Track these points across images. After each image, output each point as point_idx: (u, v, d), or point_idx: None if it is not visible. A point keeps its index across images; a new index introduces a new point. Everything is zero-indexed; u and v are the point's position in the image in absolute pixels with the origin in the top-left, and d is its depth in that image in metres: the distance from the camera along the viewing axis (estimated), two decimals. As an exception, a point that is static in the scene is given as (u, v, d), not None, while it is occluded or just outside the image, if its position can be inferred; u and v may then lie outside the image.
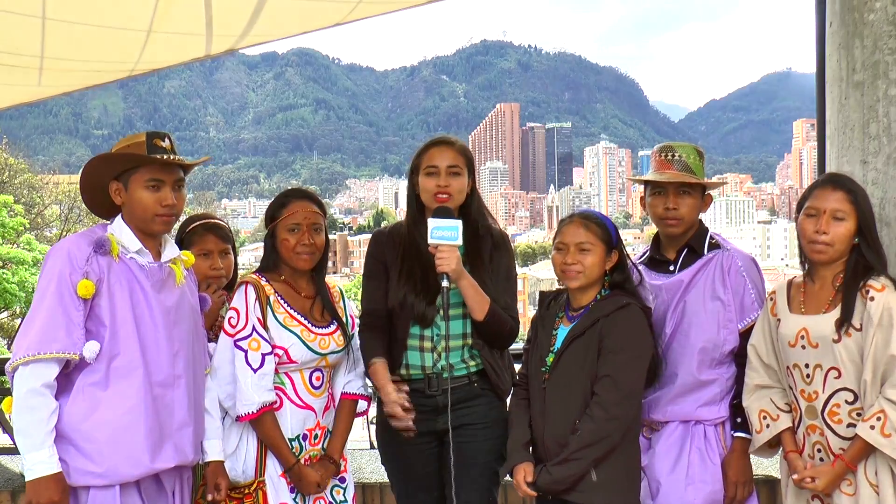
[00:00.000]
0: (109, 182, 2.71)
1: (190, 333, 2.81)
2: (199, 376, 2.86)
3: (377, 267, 3.11)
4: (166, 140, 2.71)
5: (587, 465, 2.73)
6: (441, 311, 2.97)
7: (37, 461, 2.48)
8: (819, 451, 2.73)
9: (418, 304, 2.98)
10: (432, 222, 2.88)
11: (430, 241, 2.88)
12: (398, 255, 3.06)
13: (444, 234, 2.86)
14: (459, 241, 2.87)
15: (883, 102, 3.02)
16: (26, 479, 2.50)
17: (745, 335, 2.96)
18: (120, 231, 2.70)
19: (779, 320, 2.82)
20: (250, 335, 2.90)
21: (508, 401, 3.10)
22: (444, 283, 2.87)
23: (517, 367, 3.16)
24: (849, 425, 2.65)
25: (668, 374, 2.98)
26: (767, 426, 2.83)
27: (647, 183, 3.12)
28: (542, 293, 3.06)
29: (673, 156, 3.05)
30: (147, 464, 2.62)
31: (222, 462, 2.92)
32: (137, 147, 2.68)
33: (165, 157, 2.68)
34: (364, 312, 3.12)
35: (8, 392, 2.82)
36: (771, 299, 2.89)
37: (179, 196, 2.74)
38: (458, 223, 2.88)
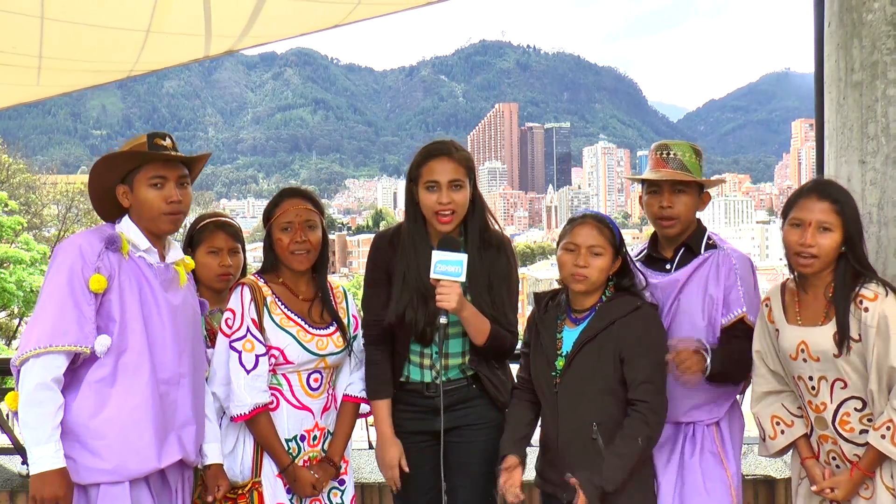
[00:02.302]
0: (116, 186, 2.72)
1: (193, 334, 2.83)
2: (200, 377, 2.87)
3: (379, 274, 3.06)
4: (167, 139, 2.72)
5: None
6: (438, 336, 2.90)
7: (42, 455, 2.47)
8: (834, 458, 2.72)
9: (418, 321, 2.94)
10: (437, 255, 2.81)
11: (432, 275, 2.81)
12: (399, 264, 3.00)
13: (448, 269, 2.79)
14: (463, 277, 2.80)
15: (881, 102, 3.02)
16: (31, 473, 2.50)
17: (726, 330, 2.94)
18: (128, 230, 2.71)
19: (777, 330, 2.79)
20: (245, 336, 2.90)
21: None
22: (443, 320, 2.81)
23: (513, 367, 3.15)
24: (861, 432, 2.64)
25: None
26: (782, 432, 2.81)
27: (643, 182, 3.11)
28: (537, 294, 3.02)
29: (668, 154, 3.03)
30: (155, 459, 2.62)
31: (222, 465, 2.92)
32: (139, 147, 2.70)
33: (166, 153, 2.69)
34: (367, 323, 3.07)
35: (7, 391, 2.82)
36: (766, 305, 2.85)
37: (185, 193, 2.74)
38: (463, 258, 2.81)
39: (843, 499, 2.67)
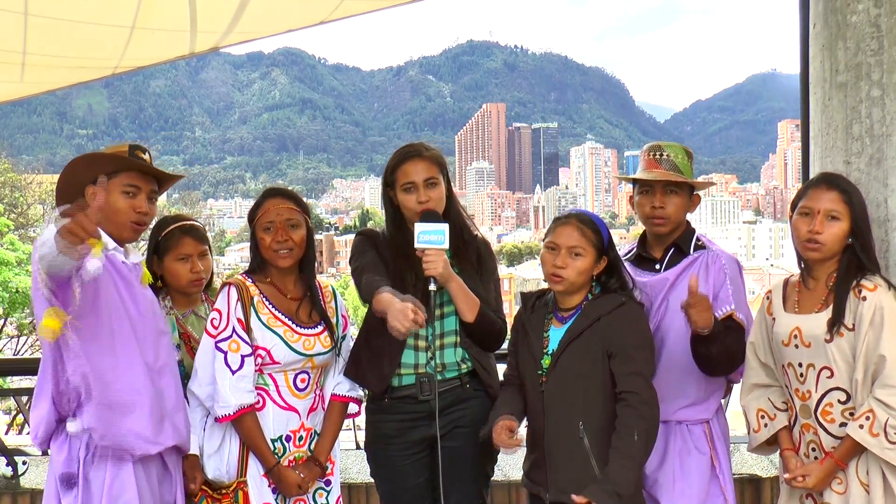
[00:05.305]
0: (87, 185, 2.76)
1: (165, 326, 2.90)
2: (176, 367, 2.92)
3: (369, 249, 3.04)
4: (146, 154, 2.83)
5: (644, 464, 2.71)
6: (430, 304, 2.92)
7: None
8: (814, 450, 2.74)
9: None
10: (419, 227, 2.87)
11: (416, 245, 2.86)
12: (388, 256, 3.03)
13: (431, 237, 2.85)
14: (446, 245, 2.86)
15: (865, 104, 3.03)
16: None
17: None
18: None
19: (774, 319, 2.83)
20: (230, 336, 2.90)
21: None
22: (432, 287, 2.85)
23: (499, 366, 3.15)
24: (841, 425, 2.66)
25: None
26: (765, 425, 2.84)
27: (635, 181, 3.13)
28: (524, 294, 3.02)
29: (661, 155, 3.06)
30: (155, 443, 2.71)
31: (198, 456, 2.96)
32: (121, 155, 2.78)
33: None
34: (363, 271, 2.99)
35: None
36: (767, 298, 2.90)
37: (152, 207, 2.83)
38: (445, 226, 2.87)
39: (813, 487, 2.69)
